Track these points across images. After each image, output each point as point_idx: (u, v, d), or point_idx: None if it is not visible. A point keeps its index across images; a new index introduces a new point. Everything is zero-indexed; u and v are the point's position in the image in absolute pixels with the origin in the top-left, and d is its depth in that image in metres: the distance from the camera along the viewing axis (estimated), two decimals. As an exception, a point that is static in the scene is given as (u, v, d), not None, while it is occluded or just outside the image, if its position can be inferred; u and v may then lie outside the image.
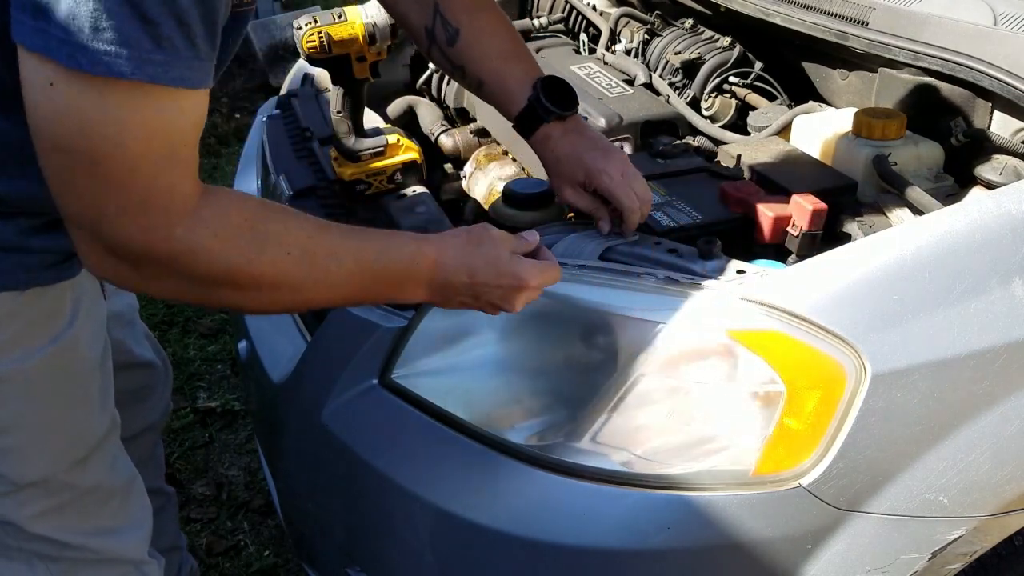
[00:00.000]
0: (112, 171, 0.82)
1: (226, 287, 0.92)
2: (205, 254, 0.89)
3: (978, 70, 1.35)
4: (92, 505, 1.25)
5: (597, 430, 1.12)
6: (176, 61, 0.81)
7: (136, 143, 0.82)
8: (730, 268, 1.15)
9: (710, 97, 1.80)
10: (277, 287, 0.94)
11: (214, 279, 0.91)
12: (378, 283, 1.01)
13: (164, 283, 0.91)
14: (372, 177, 1.47)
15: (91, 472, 1.23)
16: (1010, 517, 1.17)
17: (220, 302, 0.96)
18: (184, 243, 0.87)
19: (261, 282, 0.93)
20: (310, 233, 0.96)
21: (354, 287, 0.99)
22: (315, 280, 0.96)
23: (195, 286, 0.92)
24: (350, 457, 1.23)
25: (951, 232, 1.10)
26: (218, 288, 0.92)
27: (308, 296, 0.97)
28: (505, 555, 1.16)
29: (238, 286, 0.93)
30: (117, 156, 0.81)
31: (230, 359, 2.68)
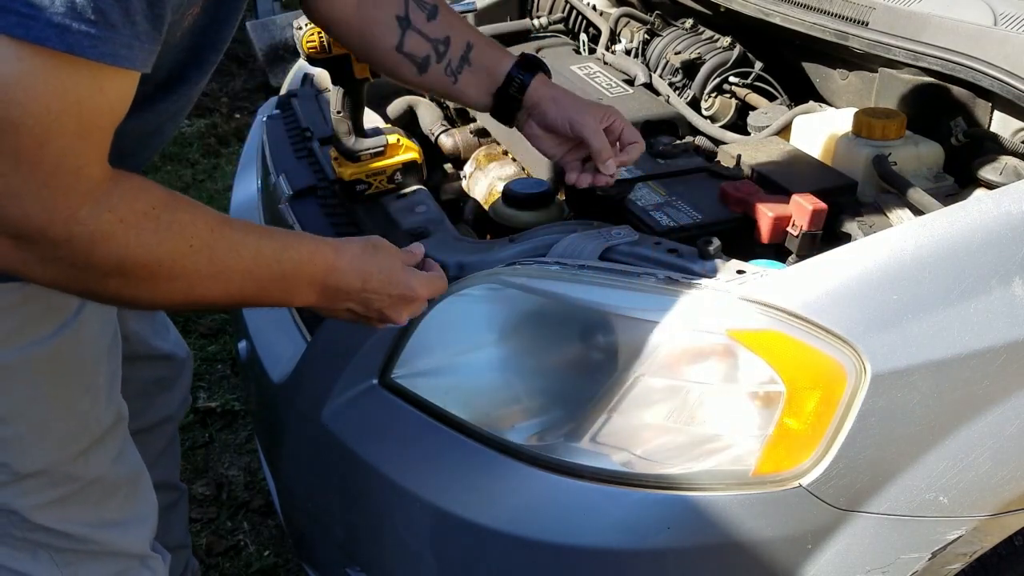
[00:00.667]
0: (20, 143, 0.77)
1: (117, 277, 0.88)
2: (105, 240, 0.85)
3: (978, 70, 1.35)
4: (95, 497, 1.24)
5: (597, 430, 1.12)
6: (109, 37, 0.77)
7: (47, 115, 0.77)
8: (730, 268, 1.15)
9: (710, 97, 1.80)
10: (173, 279, 0.91)
11: (107, 268, 0.87)
12: (273, 282, 0.99)
13: (47, 268, 0.86)
14: (372, 177, 1.47)
15: (94, 464, 1.22)
16: (1010, 517, 1.17)
17: (104, 293, 0.91)
18: (85, 226, 0.83)
19: (158, 273, 0.89)
20: (213, 226, 0.92)
21: (249, 284, 0.97)
22: (212, 274, 0.93)
23: (82, 274, 0.87)
24: (350, 457, 1.23)
25: (951, 232, 1.10)
26: (108, 278, 0.88)
27: (201, 291, 0.94)
28: (505, 555, 1.16)
29: (132, 276, 0.89)
30: (26, 126, 0.77)
31: (230, 359, 2.68)
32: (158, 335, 1.56)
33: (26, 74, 0.76)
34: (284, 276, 0.99)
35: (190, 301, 0.95)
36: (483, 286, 1.19)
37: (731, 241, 1.29)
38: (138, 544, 1.33)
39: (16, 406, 1.11)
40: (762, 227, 1.33)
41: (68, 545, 1.24)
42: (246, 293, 0.99)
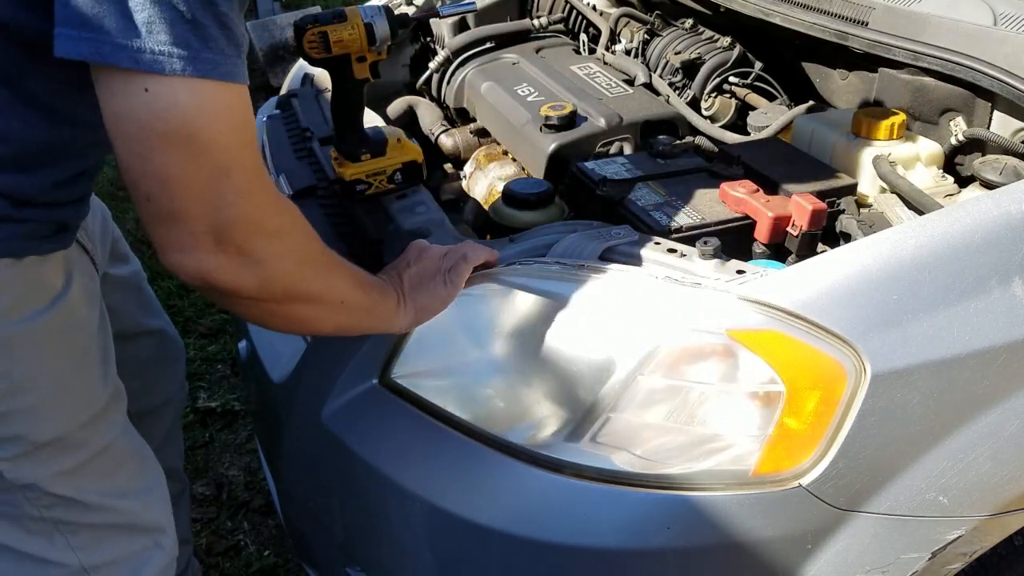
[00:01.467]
0: (224, 158, 0.90)
1: (311, 262, 1.02)
2: (299, 225, 1.01)
3: (978, 70, 1.35)
4: (108, 465, 1.27)
5: (597, 430, 1.12)
6: (240, 63, 0.92)
7: (234, 131, 0.91)
8: (730, 268, 1.15)
9: (710, 97, 1.80)
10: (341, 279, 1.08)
11: (307, 251, 1.02)
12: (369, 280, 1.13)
13: (276, 263, 0.98)
14: (372, 177, 1.47)
15: (104, 432, 1.25)
16: (1010, 517, 1.17)
17: (309, 285, 1.02)
18: (287, 215, 0.99)
19: (326, 261, 1.06)
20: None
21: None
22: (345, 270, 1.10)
23: (297, 263, 1.00)
24: (350, 457, 1.23)
25: (951, 232, 1.10)
26: (304, 266, 1.01)
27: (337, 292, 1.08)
28: (504, 555, 1.16)
29: (317, 263, 1.04)
30: (222, 142, 0.89)
31: (230, 359, 2.68)
32: (146, 310, 1.58)
33: (203, 101, 0.88)
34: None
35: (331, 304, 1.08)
36: (483, 286, 1.19)
37: (731, 241, 1.29)
38: (153, 514, 1.35)
39: (24, 377, 1.14)
40: (762, 227, 1.33)
41: (85, 518, 1.26)
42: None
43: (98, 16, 0.85)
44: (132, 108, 0.87)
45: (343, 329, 1.13)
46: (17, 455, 1.16)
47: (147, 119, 0.87)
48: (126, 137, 0.88)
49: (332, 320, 1.09)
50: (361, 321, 1.12)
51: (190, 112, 0.87)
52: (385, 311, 1.13)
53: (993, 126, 1.45)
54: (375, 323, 1.14)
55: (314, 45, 1.38)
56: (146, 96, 0.86)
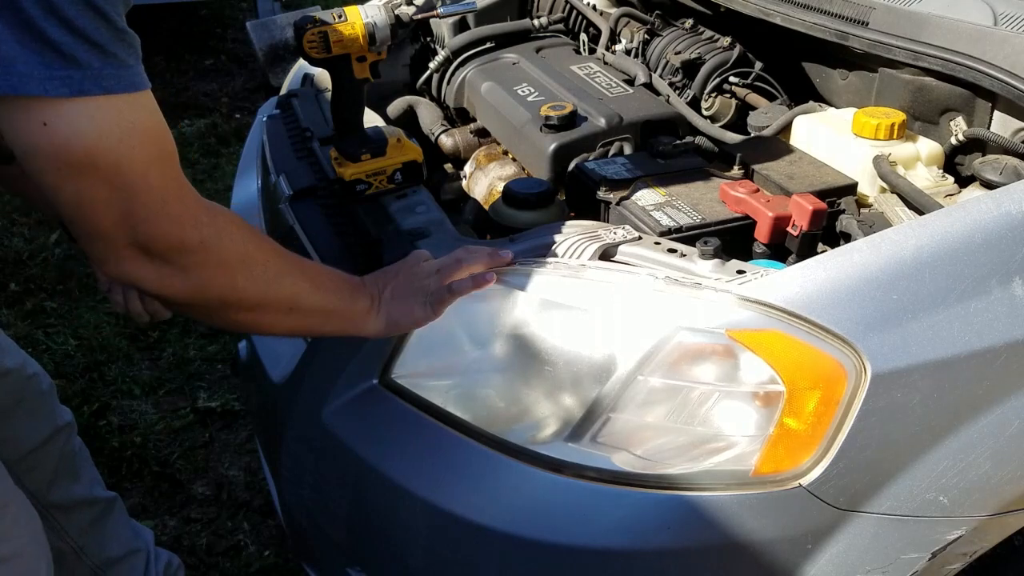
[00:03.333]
0: (130, 178, 0.89)
1: (243, 270, 1.00)
2: (228, 235, 0.99)
3: (978, 70, 1.35)
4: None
5: (597, 430, 1.12)
6: (136, 70, 0.89)
7: (141, 148, 0.89)
8: (730, 268, 1.15)
9: (710, 97, 1.80)
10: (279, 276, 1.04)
11: (240, 260, 1.00)
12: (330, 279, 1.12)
13: (188, 278, 0.97)
14: (372, 177, 1.47)
15: None
16: (1010, 517, 1.17)
17: (236, 292, 1.01)
18: (210, 227, 0.97)
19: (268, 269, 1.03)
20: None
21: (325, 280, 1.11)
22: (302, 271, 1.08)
23: (225, 273, 0.99)
24: (350, 457, 1.23)
25: (951, 232, 1.10)
26: (236, 273, 1.00)
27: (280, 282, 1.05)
28: (505, 555, 1.16)
29: (253, 272, 1.01)
30: (126, 163, 0.88)
31: (230, 359, 2.68)
32: (4, 351, 1.51)
33: (104, 125, 0.86)
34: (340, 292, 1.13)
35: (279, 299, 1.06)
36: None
37: (731, 241, 1.29)
38: (32, 569, 1.30)
39: None
40: (762, 227, 1.33)
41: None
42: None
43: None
44: (35, 143, 0.85)
45: (300, 332, 1.13)
46: None
47: (51, 152, 0.85)
48: (37, 171, 0.87)
49: (283, 324, 1.08)
50: (321, 325, 1.12)
51: (90, 139, 0.86)
52: (351, 315, 1.12)
53: (993, 126, 1.45)
54: (338, 327, 1.13)
55: (314, 45, 1.38)
56: (45, 130, 0.84)
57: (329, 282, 1.11)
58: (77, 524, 1.63)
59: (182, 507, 2.19)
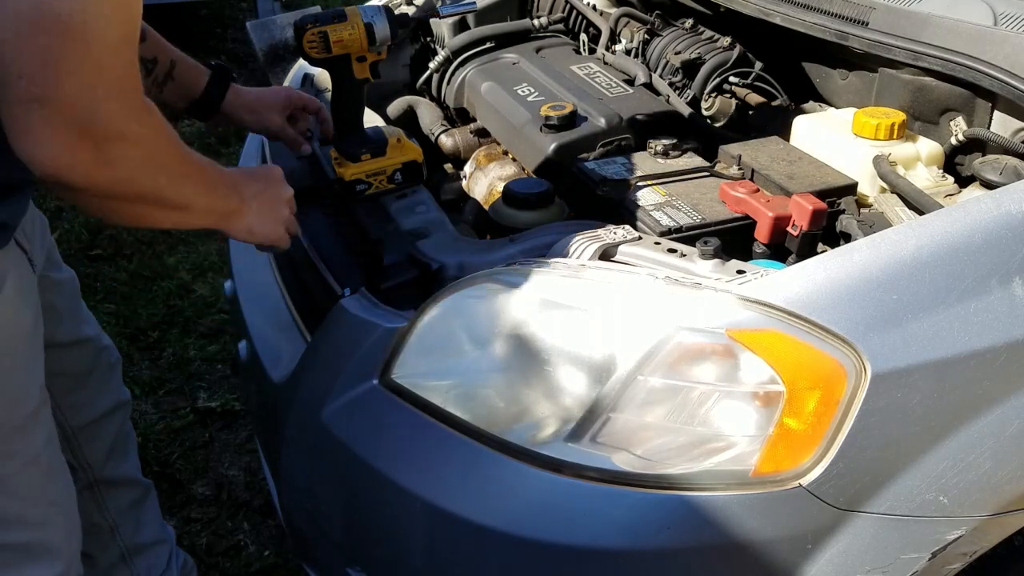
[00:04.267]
0: (101, 51, 0.90)
1: (165, 171, 1.04)
2: (161, 134, 1.02)
3: (978, 70, 1.35)
4: (35, 477, 1.27)
5: (597, 430, 1.12)
6: None
7: (120, 26, 0.91)
8: (730, 268, 1.15)
9: (710, 97, 1.80)
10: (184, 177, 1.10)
11: (164, 161, 1.03)
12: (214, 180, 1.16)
13: (131, 167, 0.99)
14: (372, 177, 1.47)
15: (31, 440, 1.25)
16: (1010, 517, 1.17)
17: (159, 192, 1.05)
18: (150, 124, 0.99)
19: (181, 171, 1.08)
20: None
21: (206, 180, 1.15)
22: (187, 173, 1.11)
23: (150, 172, 1.02)
24: (350, 457, 1.23)
25: (951, 232, 1.10)
26: (159, 174, 1.03)
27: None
28: (505, 555, 1.16)
29: (172, 172, 1.06)
30: (105, 36, 0.90)
31: (230, 359, 2.68)
32: (79, 318, 1.57)
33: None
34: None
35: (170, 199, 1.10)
36: (483, 286, 1.19)
37: (731, 241, 1.29)
38: (59, 540, 1.34)
39: None
40: (762, 227, 1.33)
41: (3, 537, 1.25)
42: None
43: None
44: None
45: (179, 225, 1.20)
46: None
47: (37, 4, 0.86)
48: (16, 12, 0.86)
49: (171, 219, 1.13)
50: (198, 221, 1.19)
51: (79, 3, 0.87)
52: (223, 214, 1.19)
53: (993, 126, 1.45)
54: (210, 223, 1.20)
55: (314, 45, 1.38)
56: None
57: (217, 180, 1.17)
58: (118, 503, 1.69)
59: (182, 507, 2.19)
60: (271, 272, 1.66)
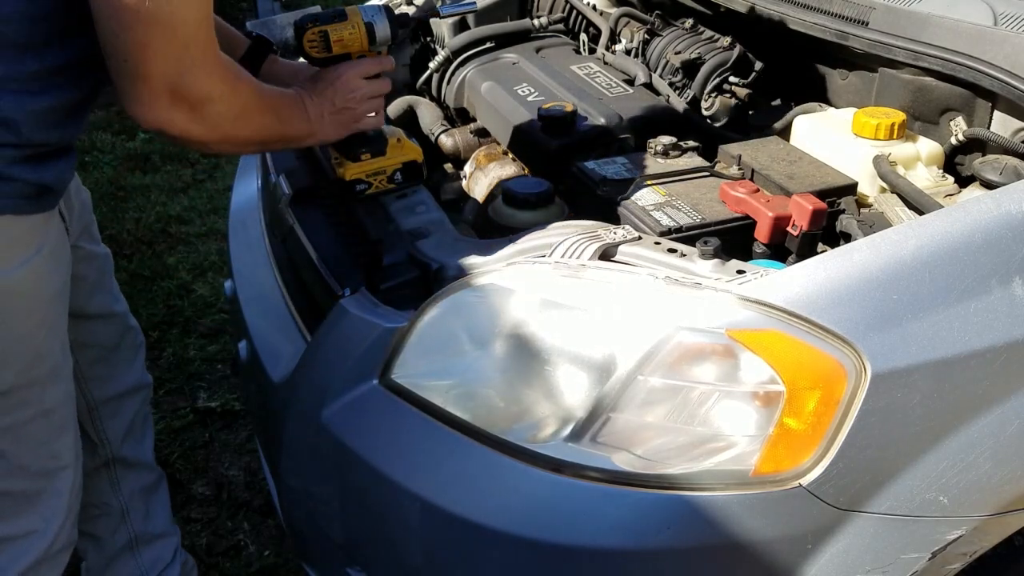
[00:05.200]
0: (186, 31, 1.09)
1: (245, 119, 1.23)
2: (240, 91, 1.21)
3: (978, 70, 1.35)
4: (45, 430, 1.32)
5: (597, 430, 1.12)
6: None
7: (197, 8, 1.10)
8: (730, 268, 1.15)
9: (710, 97, 1.80)
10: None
11: (244, 111, 1.22)
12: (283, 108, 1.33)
13: (219, 122, 1.19)
14: (372, 177, 1.47)
15: (49, 394, 1.31)
16: (1010, 517, 1.17)
17: (240, 134, 1.25)
18: (229, 83, 1.19)
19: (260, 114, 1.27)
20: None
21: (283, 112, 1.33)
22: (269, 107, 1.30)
23: (234, 124, 1.21)
24: (350, 457, 1.23)
25: (951, 232, 1.10)
26: (244, 119, 1.23)
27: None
28: (505, 554, 1.16)
29: (252, 120, 1.25)
30: (188, 20, 1.09)
31: (230, 359, 2.68)
32: (109, 294, 1.62)
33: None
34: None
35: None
36: (483, 286, 1.19)
37: (731, 241, 1.29)
38: (60, 499, 1.38)
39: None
40: (762, 227, 1.33)
41: (5, 484, 1.30)
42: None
43: None
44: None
45: (264, 147, 1.51)
46: None
47: (127, 3, 1.04)
48: (105, 18, 1.06)
49: (253, 146, 1.45)
50: (278, 144, 1.42)
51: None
52: (300, 138, 1.37)
53: (993, 126, 1.45)
54: (286, 144, 1.41)
55: (315, 44, 1.38)
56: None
57: (289, 112, 1.33)
58: (131, 486, 1.72)
59: (182, 507, 2.19)
60: (271, 272, 1.66)
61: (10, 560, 1.34)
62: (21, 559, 1.35)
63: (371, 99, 1.42)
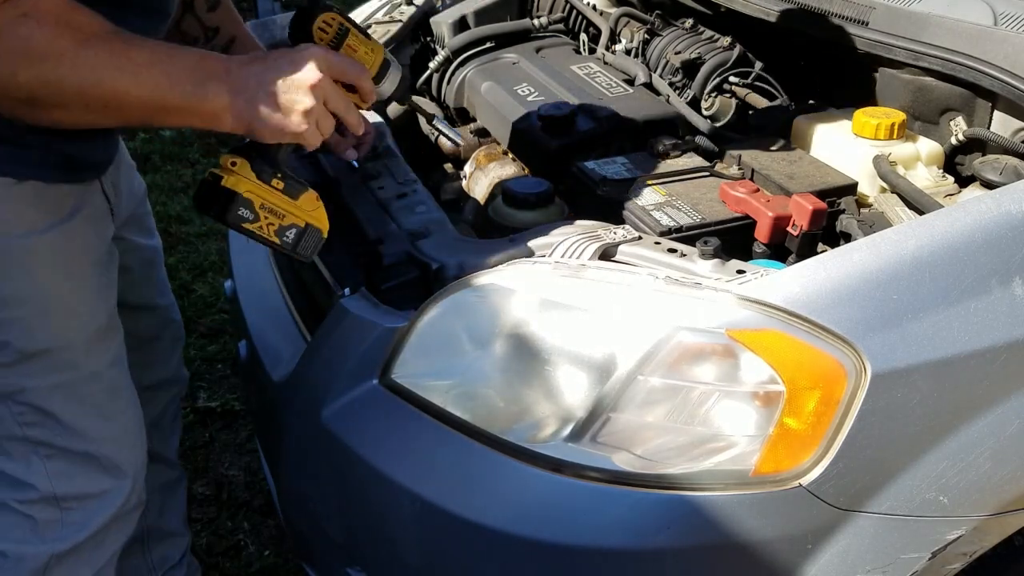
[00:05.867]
0: None
1: (52, 63, 0.98)
2: (35, 18, 0.97)
3: (978, 70, 1.35)
4: (96, 392, 1.33)
5: (597, 430, 1.12)
6: None
7: None
8: (730, 268, 1.15)
9: (710, 97, 1.80)
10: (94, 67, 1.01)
11: (47, 52, 0.98)
12: (178, 70, 1.04)
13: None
14: (263, 211, 1.15)
15: (94, 358, 1.32)
16: (1010, 517, 1.17)
17: (51, 88, 0.99)
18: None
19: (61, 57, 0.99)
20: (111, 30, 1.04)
21: (157, 73, 1.03)
22: (119, 66, 1.02)
23: (27, 64, 0.97)
24: (350, 457, 1.23)
25: (951, 232, 1.10)
26: (51, 61, 0.98)
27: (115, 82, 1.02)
28: (505, 554, 1.16)
29: (61, 64, 0.99)
30: None
31: (230, 359, 2.68)
32: (155, 287, 1.64)
33: None
34: (186, 64, 1.06)
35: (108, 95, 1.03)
36: (483, 286, 1.19)
37: (731, 241, 1.29)
38: (125, 457, 1.39)
39: (17, 290, 1.22)
40: (762, 227, 1.33)
41: (62, 441, 1.31)
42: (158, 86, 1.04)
43: None
44: None
45: (134, 124, 1.20)
46: (7, 363, 1.23)
47: None
48: None
49: (114, 121, 1.09)
50: (158, 118, 1.10)
51: None
52: (200, 104, 1.06)
53: (993, 126, 1.45)
54: (183, 121, 1.11)
55: (326, 31, 1.18)
56: None
57: (191, 75, 1.04)
58: (151, 479, 1.70)
59: (182, 507, 2.19)
60: (271, 272, 1.66)
61: (85, 517, 1.36)
62: (96, 516, 1.37)
63: (327, 108, 1.09)
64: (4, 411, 1.27)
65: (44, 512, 1.34)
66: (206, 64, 1.07)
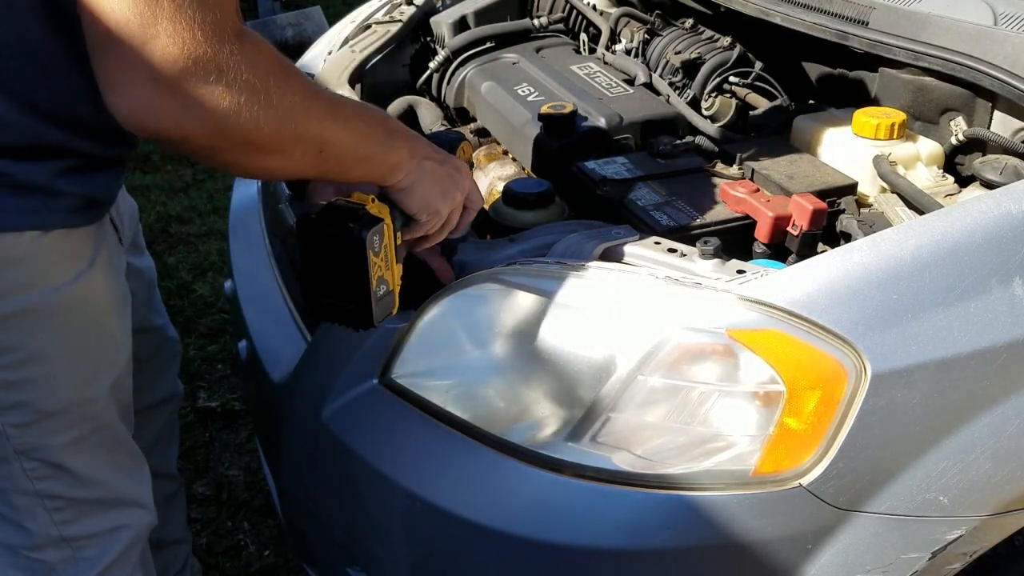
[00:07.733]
0: None
1: (267, 106, 0.91)
2: (251, 60, 0.89)
3: (978, 70, 1.35)
4: (109, 440, 1.30)
5: (597, 430, 1.12)
6: None
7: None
8: (730, 268, 1.15)
9: (710, 97, 1.80)
10: (307, 111, 0.97)
11: (278, 101, 0.92)
12: (373, 122, 1.07)
13: (220, 104, 0.88)
14: (388, 273, 1.15)
15: (108, 409, 1.28)
16: (1010, 517, 1.17)
17: (265, 131, 0.93)
18: (237, 51, 0.88)
19: (294, 102, 0.94)
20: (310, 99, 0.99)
21: (360, 123, 1.05)
22: (335, 116, 1.01)
23: (258, 114, 0.90)
24: (350, 457, 1.23)
25: (951, 232, 1.10)
26: (266, 105, 0.91)
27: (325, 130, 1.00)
28: (505, 555, 1.16)
29: (278, 108, 0.93)
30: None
31: (230, 359, 2.68)
32: (151, 308, 1.60)
33: None
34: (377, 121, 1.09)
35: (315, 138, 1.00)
36: (483, 286, 1.19)
37: (731, 241, 1.29)
38: (136, 491, 1.38)
39: (41, 348, 1.16)
40: (762, 227, 1.33)
41: (73, 492, 1.28)
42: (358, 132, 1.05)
43: None
44: None
45: (325, 177, 1.11)
46: (25, 423, 1.18)
47: None
48: None
49: (316, 170, 1.04)
50: (349, 171, 1.07)
51: None
52: (383, 157, 1.08)
53: (993, 126, 1.45)
54: (366, 164, 1.08)
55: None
56: None
57: (375, 130, 1.07)
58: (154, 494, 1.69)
59: (182, 507, 2.19)
60: (271, 272, 1.66)
61: (100, 552, 1.34)
62: (112, 548, 1.35)
63: (470, 204, 1.21)
64: (15, 467, 1.22)
65: (54, 554, 1.31)
66: (388, 120, 1.13)
